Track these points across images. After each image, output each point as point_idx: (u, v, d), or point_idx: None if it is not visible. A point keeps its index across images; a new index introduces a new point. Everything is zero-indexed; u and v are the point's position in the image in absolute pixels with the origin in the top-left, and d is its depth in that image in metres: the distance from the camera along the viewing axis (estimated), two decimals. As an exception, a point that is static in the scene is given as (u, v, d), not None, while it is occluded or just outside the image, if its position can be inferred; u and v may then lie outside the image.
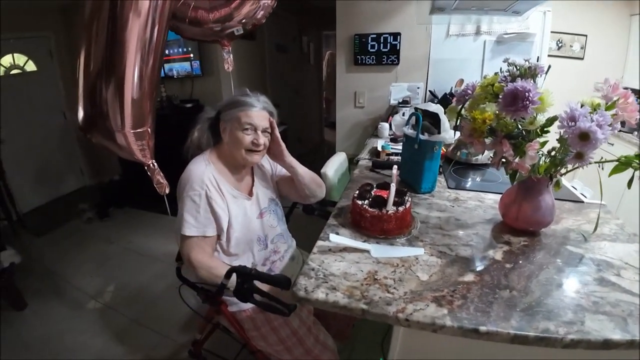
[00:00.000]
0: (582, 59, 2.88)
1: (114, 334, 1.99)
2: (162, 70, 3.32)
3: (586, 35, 2.79)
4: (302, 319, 1.26)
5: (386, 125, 2.29)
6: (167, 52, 3.28)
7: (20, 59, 3.42)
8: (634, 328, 0.73)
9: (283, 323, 1.22)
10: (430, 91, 2.57)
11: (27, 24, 3.32)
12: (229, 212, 1.20)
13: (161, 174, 1.55)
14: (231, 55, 1.79)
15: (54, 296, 2.33)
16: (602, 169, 0.98)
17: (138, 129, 1.39)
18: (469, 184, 1.55)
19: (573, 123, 0.84)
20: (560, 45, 2.90)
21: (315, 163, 1.85)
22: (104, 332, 2.01)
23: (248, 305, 1.22)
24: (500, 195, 1.36)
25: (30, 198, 3.58)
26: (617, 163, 0.93)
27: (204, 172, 1.17)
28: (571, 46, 2.90)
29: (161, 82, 3.37)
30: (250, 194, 1.30)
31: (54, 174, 3.85)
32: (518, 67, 0.94)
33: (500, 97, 0.88)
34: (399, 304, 0.79)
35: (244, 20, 1.74)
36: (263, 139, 1.20)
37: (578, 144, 0.84)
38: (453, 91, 2.36)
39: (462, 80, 2.45)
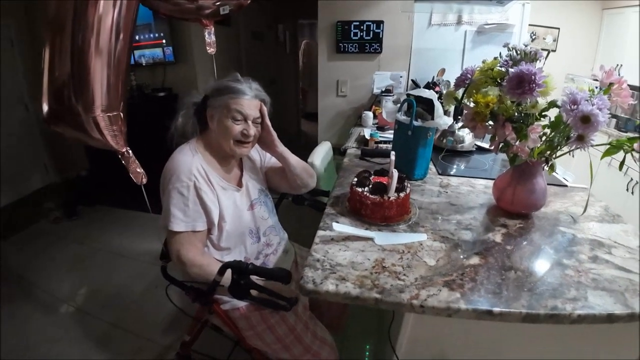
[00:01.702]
0: (554, 51, 2.98)
1: (94, 341, 1.87)
2: (132, 57, 3.14)
3: (559, 29, 2.90)
4: (298, 315, 1.21)
5: (370, 114, 2.28)
6: (136, 37, 3.08)
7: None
8: (633, 302, 0.77)
9: (279, 320, 1.16)
10: (412, 80, 2.57)
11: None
12: (219, 204, 1.13)
13: (137, 162, 1.46)
14: (213, 37, 1.68)
15: (25, 303, 2.16)
16: (573, 156, 1.02)
17: (109, 112, 1.30)
18: (454, 170, 1.58)
19: (575, 106, 0.85)
20: (533, 37, 3.00)
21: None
22: (82, 339, 1.88)
23: (241, 303, 1.16)
24: (489, 181, 1.40)
25: (-6, 198, 3.30)
26: (608, 146, 0.97)
27: (192, 162, 1.09)
28: (544, 38, 3.01)
29: (131, 69, 3.18)
30: (240, 184, 1.24)
31: (16, 172, 3.56)
32: (519, 52, 0.94)
33: (506, 80, 0.88)
34: (412, 291, 0.78)
35: (218, 3, 1.64)
36: (253, 130, 1.13)
37: (580, 127, 0.85)
38: (435, 80, 2.38)
39: (443, 70, 2.48)
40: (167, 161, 1.12)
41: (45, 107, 1.36)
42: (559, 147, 0.99)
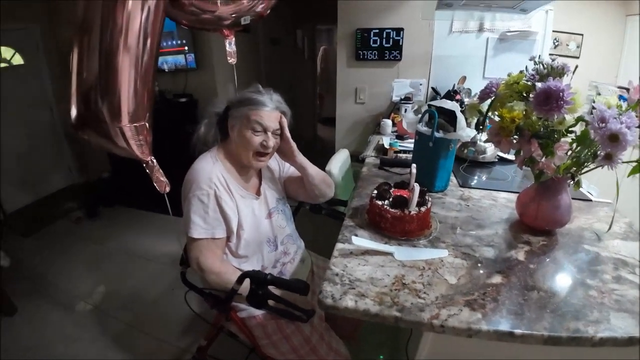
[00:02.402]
0: (577, 57, 2.91)
1: (110, 340, 1.91)
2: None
3: (582, 35, 2.82)
4: (314, 326, 1.21)
5: (389, 122, 2.27)
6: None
7: (7, 52, 3.27)
8: (655, 324, 0.74)
9: (295, 330, 1.17)
10: (432, 88, 2.55)
11: (13, 15, 3.16)
12: (238, 212, 1.15)
13: (161, 171, 1.49)
14: (234, 47, 1.70)
15: (44, 301, 2.23)
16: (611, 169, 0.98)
17: (135, 123, 1.33)
18: (475, 182, 1.55)
19: (603, 124, 0.82)
20: (556, 44, 2.92)
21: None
22: (99, 338, 1.93)
23: (258, 311, 1.17)
24: (511, 194, 1.37)
25: (16, 197, 3.42)
26: (635, 164, 0.94)
27: (212, 170, 1.12)
28: (567, 45, 2.93)
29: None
30: (258, 193, 1.26)
31: (41, 172, 3.69)
32: (545, 66, 0.92)
33: (532, 96, 0.86)
34: (432, 310, 0.77)
35: (234, 15, 1.66)
36: (272, 141, 1.15)
37: (608, 145, 0.83)
38: (456, 88, 2.35)
39: (464, 78, 2.44)
40: (189, 169, 1.15)
41: (73, 112, 1.40)
42: (585, 164, 0.96)
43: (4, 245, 2.67)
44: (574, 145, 0.92)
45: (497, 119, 0.97)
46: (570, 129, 0.95)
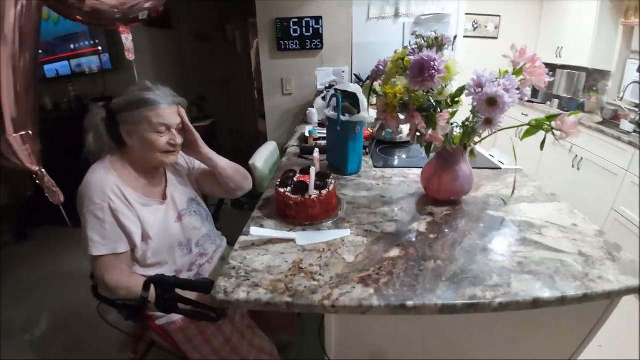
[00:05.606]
0: (496, 38, 3.07)
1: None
2: (69, 67, 2.99)
3: (500, 16, 2.98)
4: (235, 325, 1.18)
5: (314, 110, 2.26)
6: (72, 46, 2.93)
7: None
8: (562, 285, 0.75)
9: (216, 332, 1.13)
10: (355, 74, 2.58)
11: None
12: (141, 222, 1.07)
13: (52, 181, 1.38)
14: (130, 42, 1.60)
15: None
16: (517, 136, 1.02)
17: (19, 132, 1.22)
18: (395, 162, 1.57)
19: (480, 89, 0.85)
20: (475, 26, 3.07)
21: (253, 154, 1.79)
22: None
23: (177, 316, 1.12)
24: (421, 169, 1.40)
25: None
26: (528, 127, 0.97)
27: (105, 182, 1.01)
28: (486, 27, 3.09)
29: (68, 80, 3.02)
30: (164, 197, 1.17)
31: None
32: (425, 39, 0.94)
33: (408, 69, 0.87)
34: (325, 291, 0.76)
35: (117, 10, 1.55)
36: (180, 138, 1.10)
37: (486, 110, 0.85)
38: (377, 73, 2.39)
39: (385, 62, 2.49)
40: (81, 183, 1.04)
41: None
42: (474, 133, 0.99)
43: None
44: (457, 114, 0.94)
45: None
46: (455, 99, 0.97)
